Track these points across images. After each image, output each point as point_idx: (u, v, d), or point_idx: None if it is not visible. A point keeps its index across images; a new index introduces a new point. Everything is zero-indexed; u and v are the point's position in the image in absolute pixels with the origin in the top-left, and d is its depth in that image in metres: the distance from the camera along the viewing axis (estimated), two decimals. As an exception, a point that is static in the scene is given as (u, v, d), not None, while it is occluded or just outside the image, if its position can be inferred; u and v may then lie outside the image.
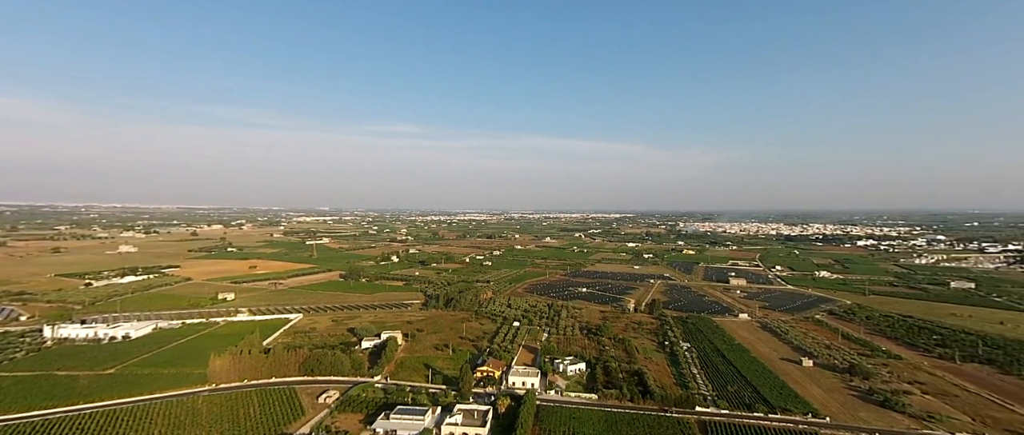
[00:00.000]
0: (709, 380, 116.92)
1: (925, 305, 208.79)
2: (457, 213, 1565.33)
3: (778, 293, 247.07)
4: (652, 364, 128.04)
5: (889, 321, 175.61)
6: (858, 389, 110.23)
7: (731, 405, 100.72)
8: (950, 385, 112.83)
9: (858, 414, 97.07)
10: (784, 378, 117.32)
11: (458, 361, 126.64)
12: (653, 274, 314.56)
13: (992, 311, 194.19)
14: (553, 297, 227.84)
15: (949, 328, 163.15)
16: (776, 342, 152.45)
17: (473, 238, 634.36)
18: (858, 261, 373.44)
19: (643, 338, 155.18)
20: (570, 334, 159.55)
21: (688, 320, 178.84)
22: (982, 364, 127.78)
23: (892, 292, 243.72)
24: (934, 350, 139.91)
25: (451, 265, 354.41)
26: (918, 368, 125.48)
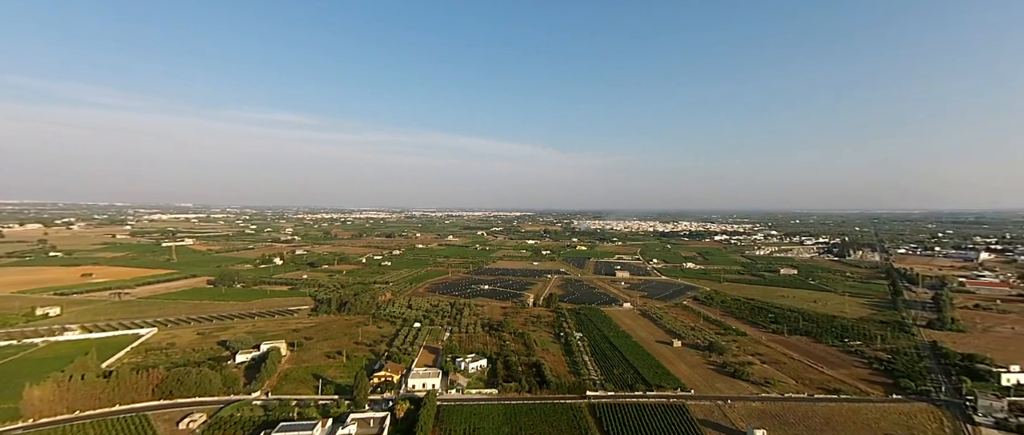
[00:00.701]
0: (598, 366, 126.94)
1: (763, 289, 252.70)
2: (353, 211, 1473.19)
3: (655, 283, 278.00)
4: (549, 355, 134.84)
5: (738, 304, 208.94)
6: (715, 363, 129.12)
7: (616, 387, 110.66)
8: (781, 355, 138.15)
9: (715, 385, 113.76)
10: (659, 358, 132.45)
11: (353, 368, 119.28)
12: (550, 269, 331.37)
13: (808, 292, 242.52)
14: (456, 295, 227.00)
15: (780, 307, 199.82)
16: (653, 327, 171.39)
17: (371, 237, 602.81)
18: (715, 254, 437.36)
19: (541, 331, 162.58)
20: (472, 332, 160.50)
21: (581, 311, 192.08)
22: (802, 336, 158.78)
23: (740, 279, 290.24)
24: (770, 326, 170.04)
25: (346, 266, 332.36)
26: (758, 342, 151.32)
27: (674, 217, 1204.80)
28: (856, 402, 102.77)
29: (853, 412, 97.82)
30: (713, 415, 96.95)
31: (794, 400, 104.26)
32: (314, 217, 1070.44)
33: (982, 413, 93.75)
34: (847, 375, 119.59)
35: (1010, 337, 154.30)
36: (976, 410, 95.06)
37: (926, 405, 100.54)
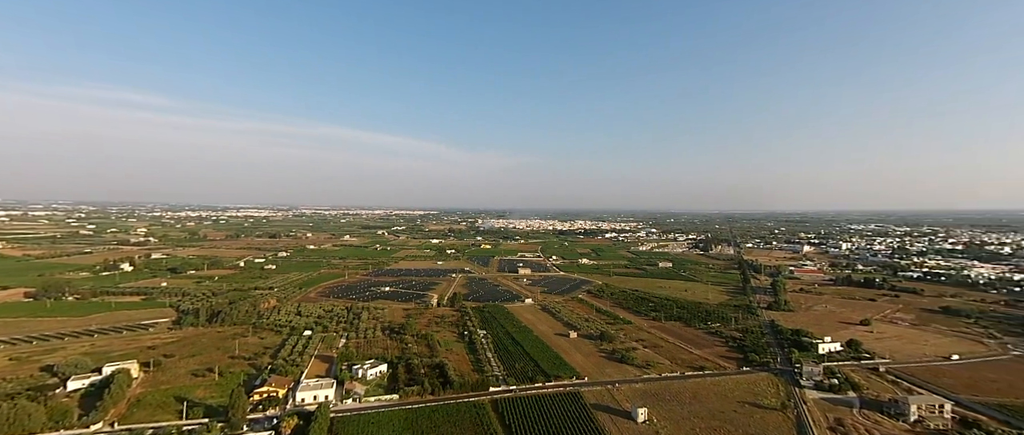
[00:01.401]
0: (501, 361, 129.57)
1: (645, 281, 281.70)
2: (228, 209, 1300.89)
3: (554, 279, 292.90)
4: (453, 355, 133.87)
5: (625, 295, 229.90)
6: (606, 351, 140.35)
7: (518, 380, 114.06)
8: (659, 339, 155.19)
9: (605, 371, 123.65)
10: (557, 350, 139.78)
11: (228, 386, 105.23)
12: (455, 269, 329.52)
13: (681, 282, 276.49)
14: (353, 299, 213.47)
15: (659, 297, 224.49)
16: (552, 320, 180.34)
17: (250, 238, 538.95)
18: (606, 250, 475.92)
19: (445, 331, 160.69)
20: (372, 336, 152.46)
21: (485, 309, 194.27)
22: (676, 321, 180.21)
23: (626, 272, 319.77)
24: (650, 314, 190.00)
25: (218, 271, 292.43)
26: (641, 329, 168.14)
27: (572, 216, 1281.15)
28: (717, 376, 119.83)
29: (715, 385, 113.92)
30: (603, 399, 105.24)
31: (669, 379, 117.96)
32: (177, 216, 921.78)
33: (805, 377, 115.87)
34: (710, 353, 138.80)
35: (824, 314, 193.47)
36: (801, 376, 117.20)
37: (767, 374, 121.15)
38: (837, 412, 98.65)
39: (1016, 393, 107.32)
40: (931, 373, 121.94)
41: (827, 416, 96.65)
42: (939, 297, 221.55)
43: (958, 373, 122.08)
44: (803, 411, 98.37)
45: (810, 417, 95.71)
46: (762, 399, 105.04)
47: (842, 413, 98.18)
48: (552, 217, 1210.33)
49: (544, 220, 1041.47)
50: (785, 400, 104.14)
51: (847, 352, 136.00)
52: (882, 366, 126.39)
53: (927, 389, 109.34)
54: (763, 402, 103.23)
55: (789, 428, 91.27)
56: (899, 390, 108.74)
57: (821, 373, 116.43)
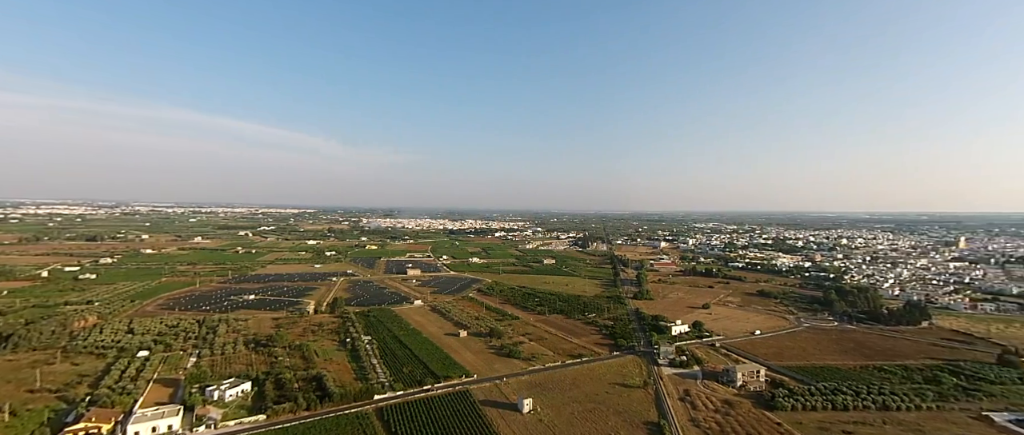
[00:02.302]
0: (388, 367, 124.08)
1: (532, 277, 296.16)
2: (23, 204, 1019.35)
3: (444, 278, 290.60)
4: (333, 364, 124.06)
5: (513, 292, 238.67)
6: (495, 347, 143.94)
7: (406, 385, 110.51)
8: (544, 332, 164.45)
9: (494, 366, 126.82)
10: (447, 350, 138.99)
11: (26, 429, 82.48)
12: (336, 271, 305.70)
13: (563, 277, 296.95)
14: (207, 310, 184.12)
15: (543, 292, 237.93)
16: (442, 320, 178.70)
17: (60, 241, 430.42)
18: (496, 248, 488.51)
19: (324, 339, 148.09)
20: (232, 352, 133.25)
21: (370, 313, 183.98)
22: (559, 314, 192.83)
23: (514, 270, 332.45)
24: (536, 309, 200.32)
25: (8, 284, 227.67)
26: (528, 323, 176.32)
27: (463, 216, 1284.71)
28: (593, 362, 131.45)
29: (590, 370, 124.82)
30: (492, 394, 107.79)
31: (552, 369, 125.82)
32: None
33: (662, 357, 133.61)
34: (587, 342, 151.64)
35: (676, 300, 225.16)
36: (659, 355, 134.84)
37: (633, 357, 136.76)
38: (685, 384, 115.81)
39: (807, 357, 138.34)
40: (751, 345, 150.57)
41: (678, 388, 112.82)
42: (756, 283, 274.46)
43: (768, 343, 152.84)
44: (660, 386, 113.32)
45: (665, 391, 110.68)
46: (628, 379, 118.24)
47: (689, 384, 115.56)
48: (443, 216, 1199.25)
49: (435, 219, 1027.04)
50: (647, 378, 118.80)
51: (693, 332, 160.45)
52: (718, 342, 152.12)
53: (748, 358, 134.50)
54: (629, 382, 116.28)
55: (649, 402, 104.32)
56: (729, 361, 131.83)
57: (674, 352, 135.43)
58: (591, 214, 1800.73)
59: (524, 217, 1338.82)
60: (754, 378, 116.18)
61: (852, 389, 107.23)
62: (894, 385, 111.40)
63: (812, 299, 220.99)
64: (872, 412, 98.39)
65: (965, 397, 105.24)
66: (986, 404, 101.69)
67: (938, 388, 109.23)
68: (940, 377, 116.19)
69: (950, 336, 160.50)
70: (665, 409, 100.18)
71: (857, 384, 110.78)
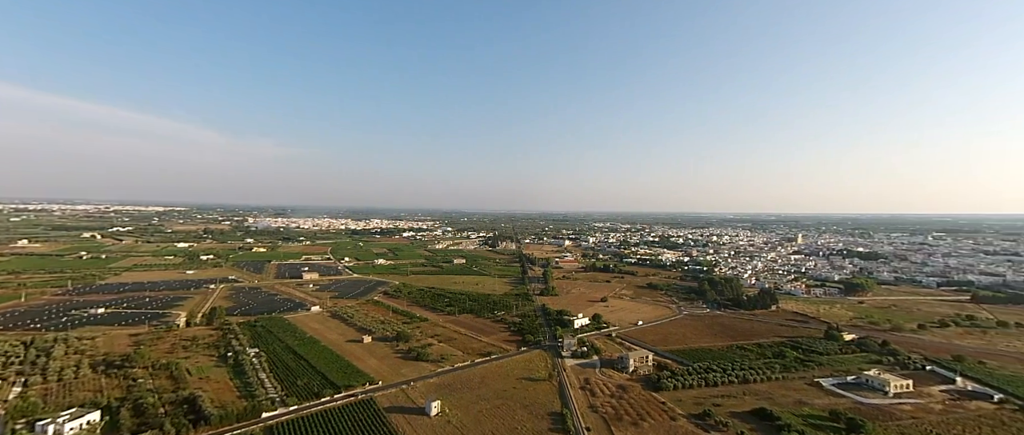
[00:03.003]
0: (279, 381, 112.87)
1: (441, 278, 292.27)
2: None
3: (346, 282, 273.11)
4: (210, 383, 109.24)
5: (422, 293, 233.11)
6: (402, 351, 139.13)
7: (301, 399, 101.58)
8: (453, 332, 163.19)
9: (401, 371, 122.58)
10: (349, 358, 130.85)
11: None
12: (215, 278, 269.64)
13: (473, 277, 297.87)
14: (37, 329, 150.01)
15: (453, 292, 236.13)
16: (344, 327, 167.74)
17: None
18: (404, 249, 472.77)
19: (199, 356, 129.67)
20: (73, 377, 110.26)
21: (258, 323, 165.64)
22: (469, 314, 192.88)
23: (424, 271, 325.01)
24: (446, 309, 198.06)
25: None
26: (437, 324, 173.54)
27: (366, 215, 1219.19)
28: (501, 359, 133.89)
29: (499, 367, 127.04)
30: (398, 400, 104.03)
31: (461, 368, 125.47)
32: None
33: (565, 350, 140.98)
34: (496, 339, 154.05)
35: (579, 295, 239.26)
36: (563, 348, 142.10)
37: (539, 351, 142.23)
38: (586, 373, 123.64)
39: (686, 341, 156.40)
40: (642, 333, 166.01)
41: (579, 378, 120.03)
42: (646, 277, 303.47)
43: (656, 331, 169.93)
44: (563, 378, 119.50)
45: (568, 381, 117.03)
46: (535, 373, 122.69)
47: (589, 373, 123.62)
48: (345, 216, 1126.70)
49: (336, 219, 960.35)
50: (551, 371, 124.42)
51: (593, 324, 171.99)
52: (614, 332, 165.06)
53: (639, 345, 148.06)
54: (536, 375, 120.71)
55: (554, 393, 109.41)
56: (624, 349, 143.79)
57: (576, 344, 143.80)
58: (501, 214, 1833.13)
59: (434, 217, 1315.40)
60: (644, 363, 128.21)
61: (720, 367, 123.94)
62: (752, 361, 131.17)
63: (690, 289, 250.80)
64: (735, 385, 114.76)
65: (802, 367, 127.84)
66: (817, 372, 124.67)
67: (783, 361, 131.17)
68: (784, 352, 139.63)
69: (792, 317, 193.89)
70: (567, 398, 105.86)
71: (724, 362, 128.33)
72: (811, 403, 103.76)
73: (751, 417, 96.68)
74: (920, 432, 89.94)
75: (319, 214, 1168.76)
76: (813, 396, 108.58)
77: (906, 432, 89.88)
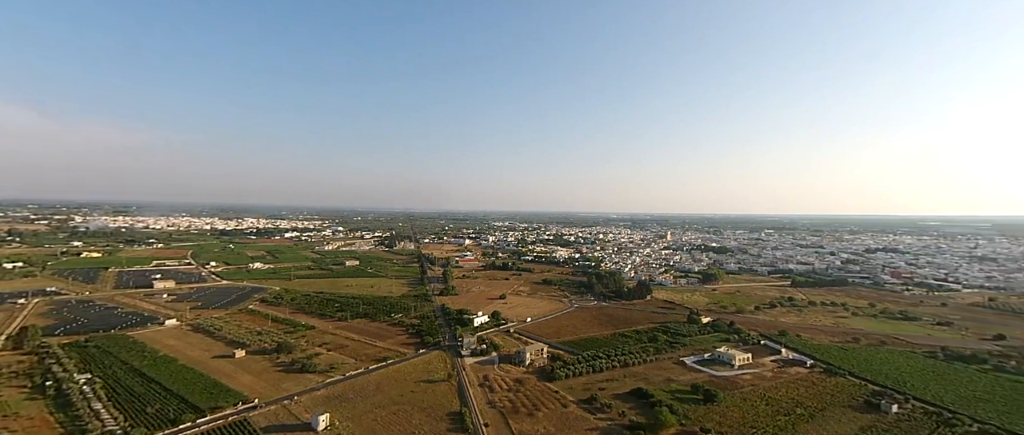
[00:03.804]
0: (121, 410, 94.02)
1: (332, 281, 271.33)
2: None
3: (212, 290, 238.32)
4: (21, 421, 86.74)
5: (308, 299, 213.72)
6: (283, 363, 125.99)
7: (151, 428, 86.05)
8: (345, 339, 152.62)
9: (282, 386, 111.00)
10: (216, 376, 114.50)
11: None
12: (23, 290, 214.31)
13: (368, 279, 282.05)
14: None
15: (346, 296, 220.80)
16: (209, 341, 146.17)
17: None
18: (286, 251, 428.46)
19: (4, 389, 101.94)
20: None
21: (90, 343, 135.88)
22: (362, 318, 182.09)
23: (310, 274, 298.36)
24: (336, 315, 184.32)
25: None
26: (326, 332, 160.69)
27: (239, 213, 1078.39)
28: (399, 363, 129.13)
29: (396, 372, 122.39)
30: (280, 417, 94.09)
31: (354, 377, 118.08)
32: None
33: (465, 348, 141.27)
34: (393, 343, 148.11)
35: (479, 293, 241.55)
36: (463, 347, 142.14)
37: (439, 352, 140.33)
38: (485, 370, 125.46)
39: (577, 332, 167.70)
40: (538, 327, 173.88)
41: (479, 375, 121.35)
42: (542, 273, 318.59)
43: (550, 325, 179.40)
44: (463, 377, 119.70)
45: (468, 380, 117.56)
46: (434, 374, 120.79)
47: (488, 370, 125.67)
48: (210, 214, 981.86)
49: (198, 217, 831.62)
50: (451, 371, 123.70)
51: (492, 321, 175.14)
52: (512, 328, 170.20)
53: (535, 339, 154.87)
54: (434, 377, 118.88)
55: (453, 393, 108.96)
56: (521, 343, 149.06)
57: (475, 342, 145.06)
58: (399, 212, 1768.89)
59: (322, 216, 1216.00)
60: (539, 356, 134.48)
61: (605, 354, 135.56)
62: (631, 346, 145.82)
63: (581, 284, 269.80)
64: (618, 370, 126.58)
65: (671, 349, 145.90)
66: (682, 352, 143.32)
67: (656, 344, 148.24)
68: (657, 336, 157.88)
69: (663, 305, 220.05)
70: (467, 397, 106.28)
71: (609, 349, 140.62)
72: (677, 379, 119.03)
73: (630, 397, 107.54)
74: (756, 396, 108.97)
75: (176, 212, 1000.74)
76: (679, 373, 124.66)
77: (747, 397, 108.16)
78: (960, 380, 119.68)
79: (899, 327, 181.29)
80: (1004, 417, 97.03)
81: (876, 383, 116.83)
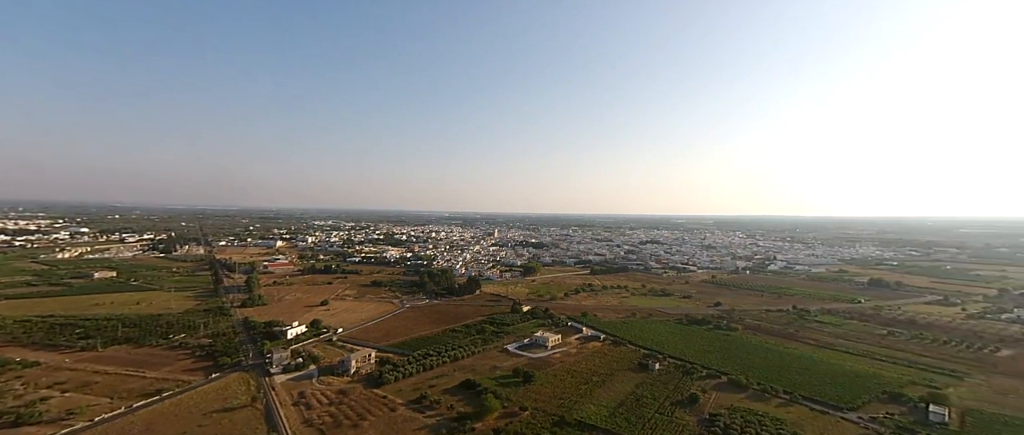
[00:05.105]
0: None
1: (69, 300, 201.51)
2: None
3: None
4: None
5: (26, 326, 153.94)
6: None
7: None
8: (92, 374, 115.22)
9: (-24, 453, 77.43)
10: None
11: None
12: None
13: (132, 294, 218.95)
14: None
15: (93, 318, 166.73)
16: None
17: None
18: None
19: None
20: None
21: None
22: (123, 344, 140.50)
23: (31, 293, 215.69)
24: (78, 344, 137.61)
25: None
26: (60, 368, 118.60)
27: None
28: (180, 394, 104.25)
29: (176, 405, 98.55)
30: (-31, 502, 65.23)
31: (109, 420, 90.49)
32: None
33: (275, 365, 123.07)
34: (171, 371, 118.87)
35: (294, 301, 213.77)
36: (272, 364, 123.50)
37: (239, 374, 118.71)
38: (301, 386, 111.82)
39: (408, 332, 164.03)
40: (365, 332, 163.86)
41: (293, 393, 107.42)
42: (371, 274, 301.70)
43: (380, 328, 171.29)
44: (271, 397, 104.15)
45: (277, 400, 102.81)
46: (232, 401, 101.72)
47: (305, 386, 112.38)
48: None
49: None
50: (256, 393, 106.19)
51: (311, 331, 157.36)
52: (335, 336, 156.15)
53: (362, 345, 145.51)
54: (233, 403, 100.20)
55: (259, 418, 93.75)
56: (346, 351, 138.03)
57: (289, 356, 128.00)
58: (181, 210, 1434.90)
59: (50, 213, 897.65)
60: (366, 362, 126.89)
61: (436, 351, 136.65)
62: (461, 340, 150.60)
63: (413, 283, 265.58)
64: (448, 365, 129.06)
65: (496, 338, 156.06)
66: (506, 340, 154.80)
67: (483, 336, 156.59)
68: (485, 328, 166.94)
69: (491, 298, 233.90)
70: (276, 420, 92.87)
71: (439, 346, 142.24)
72: (501, 366, 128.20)
73: (459, 389, 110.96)
74: (565, 370, 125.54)
75: None
76: (503, 360, 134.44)
77: (557, 373, 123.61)
78: (696, 338, 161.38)
79: (660, 301, 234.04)
80: (722, 362, 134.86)
81: (646, 347, 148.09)
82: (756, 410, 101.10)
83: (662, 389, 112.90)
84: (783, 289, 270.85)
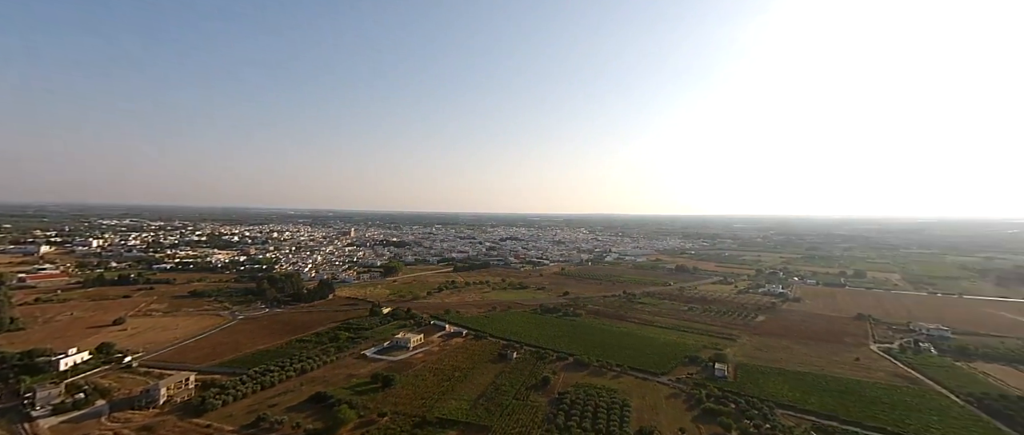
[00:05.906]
0: None
1: None
2: None
3: None
4: None
5: None
6: None
7: None
8: None
9: None
10: None
11: None
12: None
13: None
14: None
15: None
16: None
17: None
18: None
19: None
20: None
21: None
22: None
23: None
24: None
25: None
26: None
27: None
28: None
29: None
30: None
31: None
32: None
33: (41, 405, 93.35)
34: None
35: (70, 322, 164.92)
36: (35, 405, 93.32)
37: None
38: (83, 428, 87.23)
39: (241, 348, 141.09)
40: (181, 353, 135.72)
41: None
42: (189, 283, 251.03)
43: (202, 346, 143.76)
44: (36, 450, 78.89)
45: (46, 453, 78.36)
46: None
47: (89, 426, 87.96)
48: None
49: None
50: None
51: (98, 358, 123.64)
52: (135, 361, 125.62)
53: (177, 368, 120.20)
54: (-35, 469, 72.76)
55: (12, 483, 70.00)
56: (152, 379, 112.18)
57: (62, 392, 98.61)
58: None
59: None
60: (183, 388, 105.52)
61: (279, 365, 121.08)
62: (310, 350, 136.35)
63: (247, 291, 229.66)
64: (294, 379, 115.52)
65: (353, 344, 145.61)
66: (364, 345, 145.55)
67: (338, 343, 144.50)
68: (339, 334, 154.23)
69: (346, 302, 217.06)
70: (43, 480, 70.60)
71: (284, 359, 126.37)
72: (358, 373, 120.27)
73: (308, 404, 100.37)
74: (427, 370, 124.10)
75: None
76: (360, 367, 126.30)
77: (419, 373, 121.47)
78: (549, 326, 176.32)
79: (518, 294, 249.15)
80: (570, 345, 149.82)
81: (505, 338, 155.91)
82: (595, 384, 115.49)
83: (519, 376, 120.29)
84: (616, 277, 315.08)
